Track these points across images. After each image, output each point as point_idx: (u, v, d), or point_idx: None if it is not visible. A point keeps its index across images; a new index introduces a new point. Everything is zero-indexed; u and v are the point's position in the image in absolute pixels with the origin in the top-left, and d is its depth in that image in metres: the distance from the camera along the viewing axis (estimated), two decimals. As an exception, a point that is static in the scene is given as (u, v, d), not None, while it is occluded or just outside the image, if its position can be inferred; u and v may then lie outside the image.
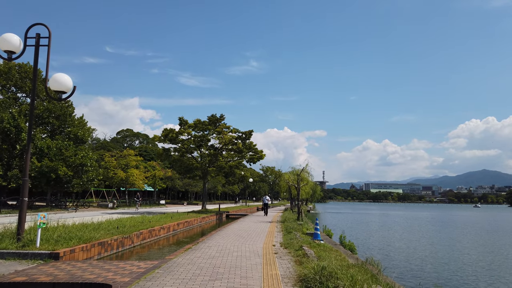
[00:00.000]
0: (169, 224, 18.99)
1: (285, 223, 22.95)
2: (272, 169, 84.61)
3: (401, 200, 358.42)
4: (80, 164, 35.68)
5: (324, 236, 17.81)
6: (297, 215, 30.77)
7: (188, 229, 22.81)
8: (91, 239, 10.81)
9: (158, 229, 17.16)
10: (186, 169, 34.50)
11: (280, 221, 25.68)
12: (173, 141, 33.77)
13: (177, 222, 20.60)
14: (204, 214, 30.17)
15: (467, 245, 24.21)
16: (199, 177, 35.70)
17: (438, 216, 70.20)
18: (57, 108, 38.36)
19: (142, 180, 57.06)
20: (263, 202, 31.74)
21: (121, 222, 16.32)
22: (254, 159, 35.95)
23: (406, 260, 17.02)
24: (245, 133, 34.55)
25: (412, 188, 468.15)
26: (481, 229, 38.60)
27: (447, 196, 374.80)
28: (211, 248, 11.29)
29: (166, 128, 33.68)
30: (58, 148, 35.10)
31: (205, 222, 28.14)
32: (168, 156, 35.04)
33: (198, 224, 25.91)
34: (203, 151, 35.53)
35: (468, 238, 29.17)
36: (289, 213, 36.69)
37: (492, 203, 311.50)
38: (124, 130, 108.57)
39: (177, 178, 78.35)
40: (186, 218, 24.26)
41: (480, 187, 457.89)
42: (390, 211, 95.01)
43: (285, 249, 11.52)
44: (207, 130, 34.25)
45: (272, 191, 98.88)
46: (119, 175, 48.84)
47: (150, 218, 20.12)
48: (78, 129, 39.87)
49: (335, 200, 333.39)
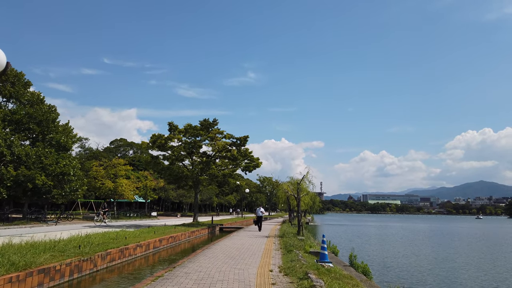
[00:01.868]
0: (149, 240, 16.26)
1: (284, 238, 20.32)
2: (269, 179, 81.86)
3: (399, 211, 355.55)
4: (61, 173, 32.94)
5: (330, 255, 15.14)
6: (297, 228, 28.10)
7: (174, 245, 20.06)
8: (29, 265, 8.15)
9: (133, 247, 14.42)
10: (175, 178, 31.72)
11: (278, 235, 23.03)
12: (162, 148, 31.06)
13: (159, 237, 17.86)
14: (194, 227, 27.39)
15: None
16: (189, 186, 32.88)
17: (444, 229, 67.21)
18: (38, 113, 35.75)
19: (133, 191, 54.26)
20: (257, 214, 27.01)
21: (88, 239, 13.63)
22: (249, 167, 33.25)
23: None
24: (240, 139, 31.86)
25: (410, 199, 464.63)
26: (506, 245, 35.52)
27: (445, 208, 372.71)
28: (189, 276, 8.60)
29: (155, 134, 31.03)
30: (38, 155, 32.39)
31: (195, 237, 25.36)
32: (157, 164, 32.23)
33: (186, 239, 23.13)
34: (195, 159, 32.79)
35: (501, 256, 26.05)
36: (287, 226, 33.96)
37: (491, 215, 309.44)
38: (118, 140, 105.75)
39: (170, 189, 75.49)
40: (173, 232, 21.53)
41: (478, 198, 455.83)
42: (391, 223, 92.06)
43: (285, 277, 8.88)
44: (199, 136, 31.58)
45: (269, 202, 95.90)
46: (107, 185, 46.02)
47: (128, 234, 17.41)
48: (61, 136, 37.13)
49: (333, 211, 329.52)
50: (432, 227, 71.59)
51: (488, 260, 23.11)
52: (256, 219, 27.19)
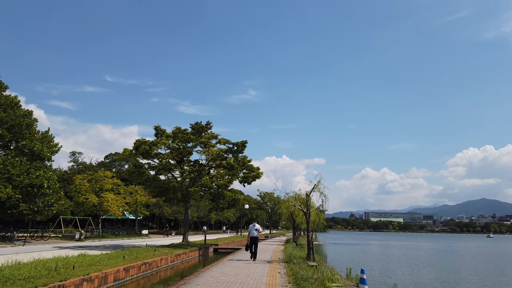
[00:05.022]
0: (107, 271, 11.72)
1: (291, 264, 15.82)
2: (270, 194, 77.12)
3: (402, 229, 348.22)
4: (30, 184, 28.51)
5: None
6: (305, 250, 23.52)
7: (148, 274, 15.47)
8: None
9: (75, 282, 9.89)
10: (160, 190, 27.18)
11: (283, 260, 18.50)
12: (147, 155, 26.66)
13: (126, 265, 13.32)
14: (181, 249, 22.74)
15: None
16: (178, 200, 28.28)
17: (462, 249, 61.60)
18: (11, 117, 31.59)
19: (121, 206, 49.64)
20: (250, 234, 17.24)
21: (12, 271, 9.19)
22: (248, 178, 28.75)
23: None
24: (237, 145, 27.46)
25: (413, 217, 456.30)
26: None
27: (449, 226, 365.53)
28: None
29: (138, 139, 26.69)
30: (4, 164, 28.03)
31: (180, 261, 20.69)
32: (141, 174, 27.73)
33: (167, 265, 18.51)
34: (186, 168, 28.33)
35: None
36: (293, 246, 29.30)
37: (496, 233, 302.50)
38: (113, 154, 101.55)
39: (165, 205, 70.93)
40: (151, 257, 16.99)
41: (481, 216, 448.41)
42: (400, 242, 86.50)
43: None
44: (190, 141, 27.23)
45: (270, 219, 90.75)
46: (91, 200, 41.39)
47: (85, 260, 12.94)
48: (36, 144, 32.80)
49: (335, 229, 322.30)
50: (450, 247, 66.19)
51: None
52: (249, 242, 17.29)
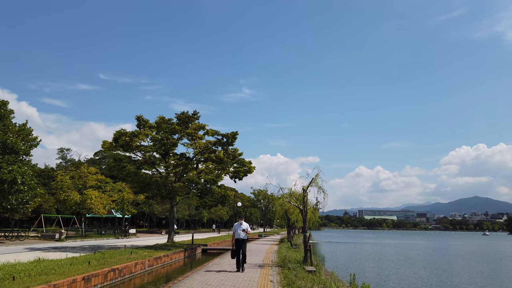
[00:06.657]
0: (57, 282, 9.42)
1: (286, 270, 13.66)
2: (264, 192, 74.91)
3: (396, 227, 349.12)
4: (1, 180, 26.07)
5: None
6: (301, 252, 21.38)
7: (118, 283, 13.18)
8: None
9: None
10: (141, 185, 24.88)
11: (277, 264, 16.32)
12: (127, 148, 24.30)
13: (86, 274, 11.01)
14: (164, 250, 20.45)
15: None
16: (162, 196, 25.96)
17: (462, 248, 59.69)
18: (-19, 107, 29.06)
19: (106, 204, 47.17)
20: (235, 235, 13.21)
21: None
22: (239, 172, 26.50)
23: None
24: (227, 136, 25.18)
25: (406, 215, 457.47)
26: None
27: (442, 223, 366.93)
28: None
29: (118, 130, 24.34)
30: (-28, 158, 25.59)
31: (161, 265, 18.41)
32: (121, 169, 25.37)
33: (145, 270, 16.23)
34: (171, 162, 25.99)
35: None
36: (287, 247, 27.12)
37: (489, 231, 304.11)
38: (102, 151, 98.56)
39: (155, 203, 68.53)
40: (124, 261, 14.71)
41: (474, 214, 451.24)
42: (395, 240, 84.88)
43: None
44: (175, 132, 24.92)
45: (264, 217, 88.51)
46: (73, 198, 38.86)
47: (36, 268, 10.66)
48: (9, 136, 30.27)
49: (329, 227, 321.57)
50: (448, 245, 64.48)
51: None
52: (235, 247, 13.12)
